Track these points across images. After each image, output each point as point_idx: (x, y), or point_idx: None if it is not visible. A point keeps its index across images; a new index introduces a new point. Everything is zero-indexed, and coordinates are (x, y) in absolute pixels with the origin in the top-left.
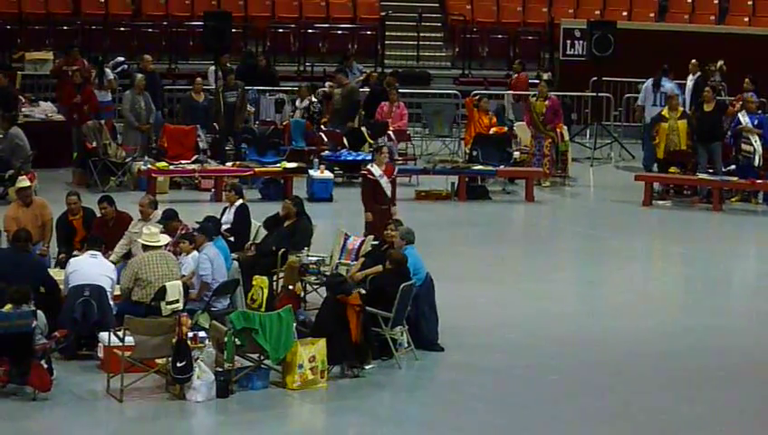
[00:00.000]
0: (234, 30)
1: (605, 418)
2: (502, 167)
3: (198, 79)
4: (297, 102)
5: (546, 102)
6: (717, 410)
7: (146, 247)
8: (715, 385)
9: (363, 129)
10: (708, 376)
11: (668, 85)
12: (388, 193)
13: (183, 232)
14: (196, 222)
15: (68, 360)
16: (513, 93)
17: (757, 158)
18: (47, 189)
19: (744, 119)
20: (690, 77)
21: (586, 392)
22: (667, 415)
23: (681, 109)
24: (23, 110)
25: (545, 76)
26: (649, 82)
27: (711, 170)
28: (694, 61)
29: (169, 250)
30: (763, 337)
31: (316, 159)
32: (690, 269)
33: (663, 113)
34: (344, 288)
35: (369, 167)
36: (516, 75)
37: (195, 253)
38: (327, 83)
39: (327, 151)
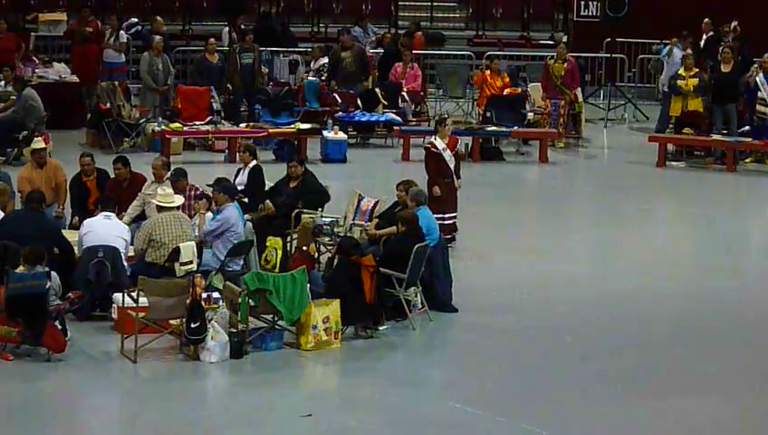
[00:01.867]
0: None
1: (619, 378)
2: (516, 128)
3: (212, 40)
4: (311, 64)
5: (565, 65)
6: (731, 369)
7: (160, 208)
8: (729, 345)
9: (377, 90)
10: (721, 336)
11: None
12: (451, 166)
13: (193, 192)
14: (208, 185)
15: (82, 321)
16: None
17: None
18: (60, 151)
19: (759, 79)
20: (703, 36)
21: (600, 353)
22: (680, 375)
23: (696, 69)
24: (36, 71)
25: (564, 38)
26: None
27: (725, 131)
28: (707, 20)
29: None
30: None
31: (330, 120)
32: (704, 230)
33: (679, 72)
34: (357, 250)
35: (432, 140)
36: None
37: (209, 214)
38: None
39: (341, 112)
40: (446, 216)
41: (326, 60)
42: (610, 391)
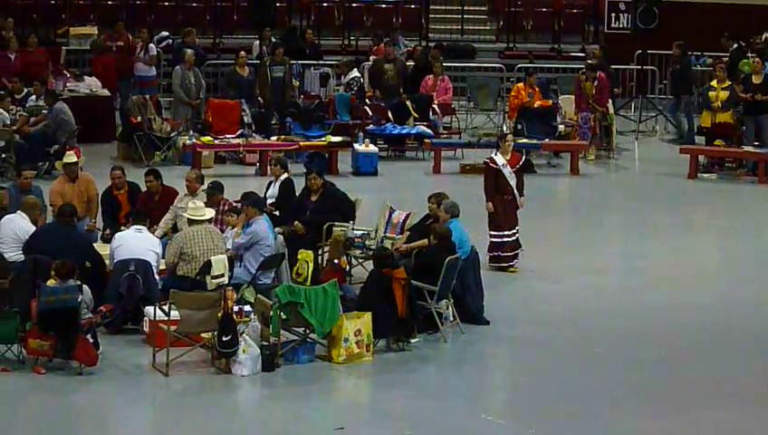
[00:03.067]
0: (278, 4)
1: (649, 391)
2: (547, 140)
3: (242, 53)
4: (341, 78)
5: (595, 83)
6: (762, 382)
7: (191, 222)
8: (759, 358)
9: (408, 102)
10: (752, 349)
11: None
12: (512, 183)
13: (225, 207)
14: (235, 202)
15: (114, 334)
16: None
17: None
18: (92, 164)
19: None
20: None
21: (630, 366)
22: (711, 388)
23: (728, 82)
24: (67, 85)
25: (597, 51)
26: None
27: (757, 143)
28: (723, 39)
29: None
30: None
31: (361, 133)
32: (735, 242)
33: (712, 84)
34: (390, 262)
35: (492, 155)
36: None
37: (236, 228)
38: (372, 57)
39: (371, 125)
40: (506, 233)
41: (356, 73)
42: (641, 403)
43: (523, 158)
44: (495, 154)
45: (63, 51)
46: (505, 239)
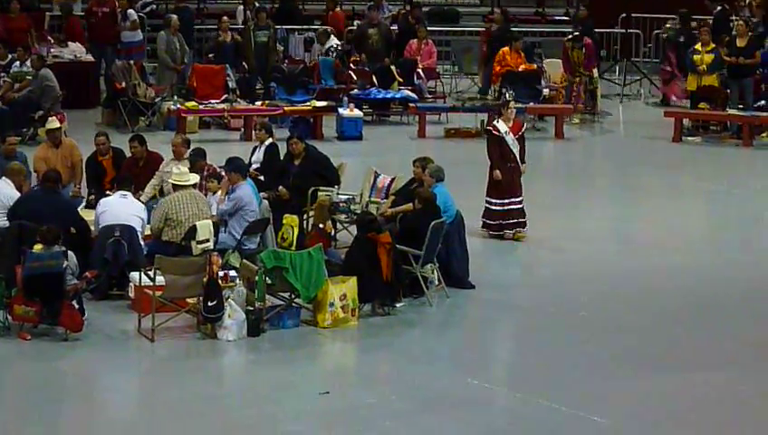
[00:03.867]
0: None
1: (635, 354)
2: (531, 104)
3: (225, 18)
4: (320, 47)
5: (582, 51)
6: (747, 343)
7: (176, 187)
8: (744, 319)
9: (392, 67)
10: (737, 311)
11: None
12: (515, 151)
13: (209, 172)
14: (220, 167)
15: (99, 300)
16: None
17: None
18: (76, 130)
19: None
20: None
21: (615, 329)
22: (697, 350)
23: (713, 45)
24: (51, 50)
25: (583, 12)
26: None
27: (741, 106)
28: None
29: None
30: None
31: (345, 98)
32: (720, 205)
33: (696, 47)
34: (375, 226)
35: (494, 123)
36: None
37: (218, 193)
38: (356, 22)
39: (356, 90)
40: (511, 200)
41: (334, 41)
42: (627, 366)
43: (525, 126)
44: (497, 121)
45: (47, 17)
46: (508, 207)
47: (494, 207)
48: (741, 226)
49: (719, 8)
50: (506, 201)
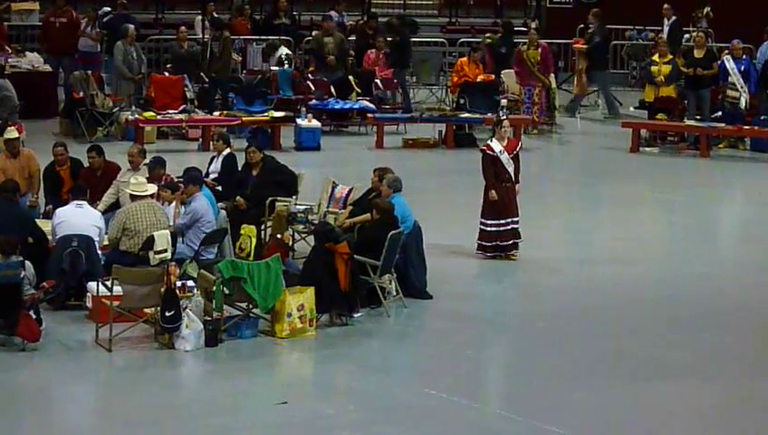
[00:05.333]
0: None
1: (593, 364)
2: (489, 114)
3: (183, 28)
4: (270, 59)
5: (538, 50)
6: (706, 355)
7: (134, 197)
8: (702, 331)
9: (351, 77)
10: (695, 322)
11: None
12: (509, 170)
13: (166, 181)
14: (177, 177)
15: (56, 310)
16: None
17: (743, 101)
18: (34, 140)
19: (729, 64)
20: (665, 21)
21: (573, 339)
22: (655, 361)
23: (670, 56)
24: (9, 60)
25: (533, 24)
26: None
27: (698, 117)
28: (666, 5)
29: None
30: (748, 283)
31: (303, 108)
32: (678, 216)
33: (653, 58)
34: (332, 237)
35: (489, 142)
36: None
37: (173, 203)
38: (314, 32)
39: (314, 100)
40: (507, 221)
41: (284, 51)
42: (585, 376)
43: (520, 145)
44: (491, 140)
45: (5, 26)
46: (504, 228)
47: (488, 229)
48: (699, 236)
49: (674, 18)
50: (502, 222)
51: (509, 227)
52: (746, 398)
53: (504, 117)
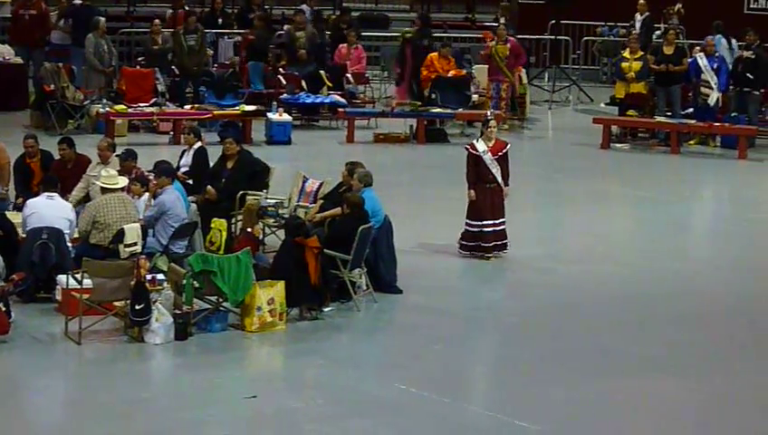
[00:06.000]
0: None
1: (563, 360)
2: (460, 110)
3: (156, 21)
4: None
5: (507, 45)
6: (673, 351)
7: (104, 190)
8: (671, 327)
9: (322, 72)
10: (664, 319)
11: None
12: (493, 171)
13: (136, 175)
14: (148, 171)
15: (26, 303)
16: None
17: (715, 97)
18: (4, 132)
19: (701, 61)
20: (638, 17)
21: (543, 334)
22: (625, 357)
23: (640, 52)
24: None
25: (502, 20)
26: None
27: (669, 113)
28: (642, 0)
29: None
30: (719, 280)
31: (274, 102)
32: (648, 212)
33: (624, 54)
34: (303, 231)
35: (473, 141)
36: None
37: (146, 195)
38: (285, 26)
39: (285, 94)
40: (492, 222)
41: None
42: (555, 372)
43: (508, 146)
44: (477, 140)
45: None
46: (486, 229)
47: (470, 229)
48: (669, 232)
49: (647, 14)
50: (485, 223)
51: (490, 230)
52: (718, 394)
53: (492, 117)
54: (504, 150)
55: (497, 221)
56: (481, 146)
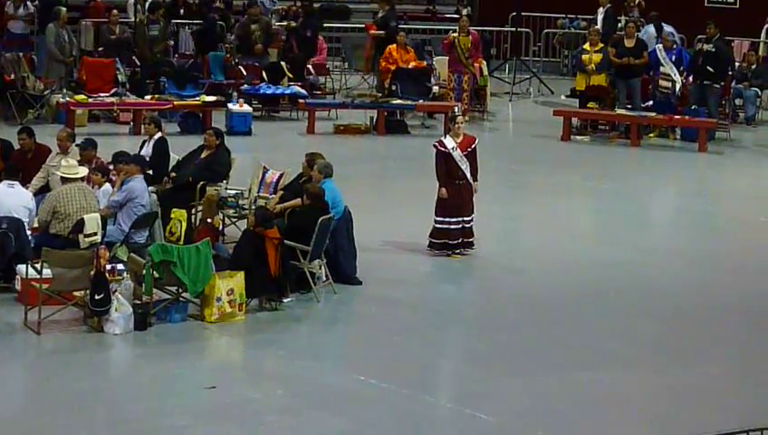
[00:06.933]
0: None
1: (521, 352)
2: (421, 101)
3: (115, 11)
4: None
5: (469, 37)
6: (633, 343)
7: (64, 180)
8: (629, 320)
9: (282, 63)
10: (623, 311)
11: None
12: (462, 167)
13: (96, 165)
14: (108, 162)
15: None
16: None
17: (677, 89)
18: None
19: (661, 54)
20: (600, 9)
21: (502, 327)
22: (583, 349)
23: (601, 44)
24: None
25: (465, 11)
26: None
27: (629, 106)
28: None
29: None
30: (677, 272)
31: (235, 93)
32: (608, 205)
33: (585, 47)
34: (272, 222)
35: (441, 138)
36: None
37: (106, 185)
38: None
39: (246, 85)
40: (456, 220)
41: None
42: (514, 364)
43: (476, 142)
44: (445, 137)
45: None
46: (453, 226)
47: (439, 226)
48: (629, 225)
49: (609, 6)
50: (453, 220)
51: (459, 227)
52: (673, 385)
53: (459, 113)
54: (472, 146)
55: (466, 218)
56: (449, 142)
